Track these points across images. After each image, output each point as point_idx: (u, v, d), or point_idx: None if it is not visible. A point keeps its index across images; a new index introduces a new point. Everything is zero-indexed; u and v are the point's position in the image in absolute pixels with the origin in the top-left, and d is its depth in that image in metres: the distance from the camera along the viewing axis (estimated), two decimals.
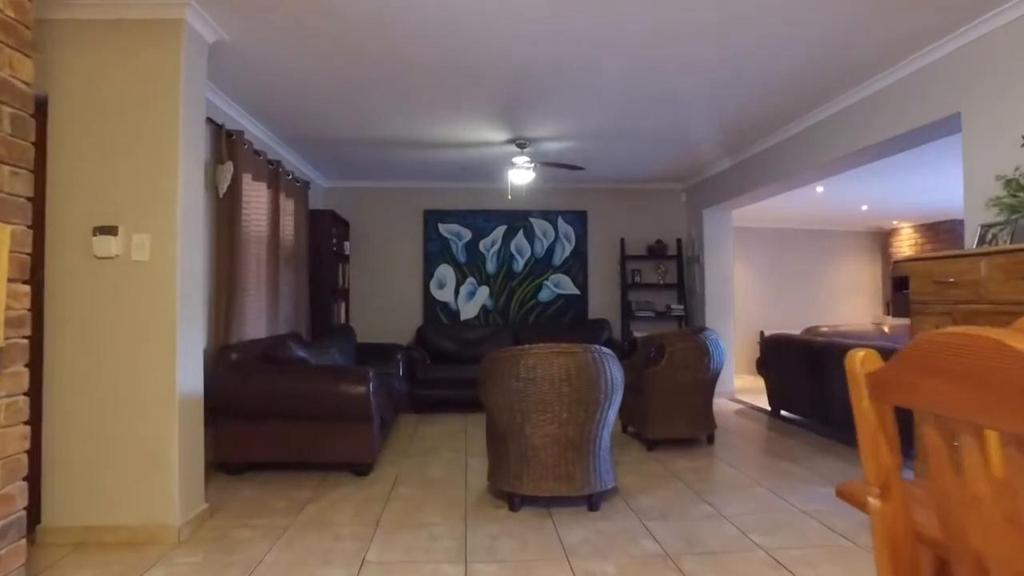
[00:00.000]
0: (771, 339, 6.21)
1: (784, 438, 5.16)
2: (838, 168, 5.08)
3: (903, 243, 9.89)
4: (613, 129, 5.33)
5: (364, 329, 7.61)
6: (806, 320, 10.01)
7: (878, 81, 4.14)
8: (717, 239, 7.26)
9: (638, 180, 7.62)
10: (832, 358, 5.18)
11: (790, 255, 10.17)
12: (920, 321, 3.05)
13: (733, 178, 6.47)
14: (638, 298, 7.71)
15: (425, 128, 5.32)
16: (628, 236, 7.78)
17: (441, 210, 7.72)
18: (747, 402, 6.94)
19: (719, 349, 4.79)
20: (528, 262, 7.77)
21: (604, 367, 3.33)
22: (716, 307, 7.21)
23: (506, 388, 3.29)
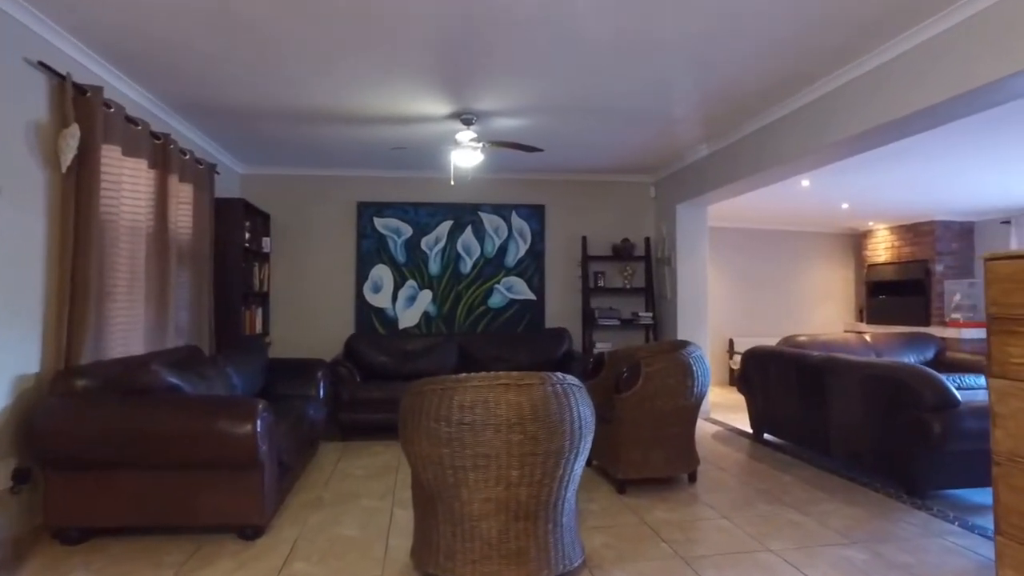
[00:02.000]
0: (755, 353, 5.40)
1: (777, 473, 4.34)
2: (841, 153, 4.29)
3: (878, 245, 9.30)
4: (578, 101, 4.43)
5: (287, 340, 6.55)
6: (778, 327, 9.34)
7: (915, 35, 3.34)
8: (690, 238, 6.45)
9: (603, 171, 6.76)
10: (834, 377, 4.39)
11: (760, 258, 9.48)
12: (1005, 341, 2.22)
13: (712, 168, 5.66)
14: (601, 304, 6.84)
15: (351, 97, 4.33)
16: (591, 234, 6.92)
17: (377, 202, 6.72)
18: (725, 423, 6.13)
19: (704, 369, 3.93)
20: (477, 262, 6.82)
21: (570, 405, 2.42)
22: (689, 315, 6.39)
23: (433, 435, 2.34)
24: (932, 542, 3.13)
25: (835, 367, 4.38)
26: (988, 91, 3.02)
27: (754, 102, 4.45)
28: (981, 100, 3.13)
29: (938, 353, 7.19)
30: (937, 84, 3.20)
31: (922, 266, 8.47)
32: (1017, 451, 2.18)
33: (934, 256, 8.35)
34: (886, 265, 9.11)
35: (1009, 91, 3.01)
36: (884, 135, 3.80)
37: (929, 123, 3.54)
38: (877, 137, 3.85)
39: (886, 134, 3.77)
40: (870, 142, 3.97)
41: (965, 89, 3.04)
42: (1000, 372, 2.24)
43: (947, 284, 8.23)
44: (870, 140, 3.93)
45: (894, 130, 3.70)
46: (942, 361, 7.08)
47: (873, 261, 9.36)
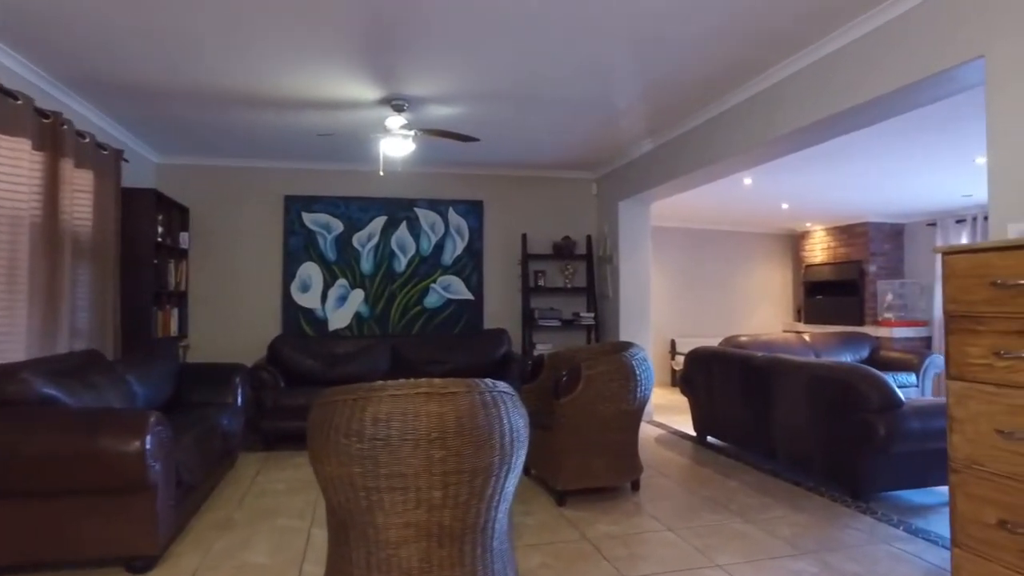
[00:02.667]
0: (698, 353, 5.27)
1: (722, 478, 4.18)
2: (786, 147, 4.18)
3: (815, 246, 9.40)
4: (516, 87, 4.18)
5: (208, 344, 6.08)
6: (719, 328, 9.33)
7: (863, 23, 3.21)
8: (633, 236, 6.29)
9: (544, 166, 6.55)
10: (778, 378, 4.27)
11: (702, 258, 9.45)
12: (964, 341, 2.07)
13: (655, 163, 5.51)
14: (542, 304, 6.62)
15: (270, 78, 3.97)
16: (531, 232, 6.69)
17: (306, 196, 6.32)
18: (668, 426, 5.99)
19: (647, 372, 3.74)
20: (412, 261, 6.51)
21: (500, 416, 2.15)
22: (631, 315, 6.23)
23: (344, 453, 2.04)
24: (879, 549, 3.00)
25: (780, 368, 4.26)
26: (939, 81, 2.91)
27: (700, 93, 4.30)
28: (932, 91, 3.03)
29: (873, 352, 7.28)
30: (888, 73, 3.09)
31: (856, 266, 8.58)
32: (976, 458, 2.04)
33: (868, 257, 8.47)
34: (822, 266, 9.21)
35: (960, 81, 2.91)
36: (831, 128, 3.69)
37: (877, 115, 3.44)
38: (824, 130, 3.74)
39: (833, 127, 3.66)
40: (816, 135, 3.86)
41: (916, 79, 2.93)
42: (958, 373, 2.09)
43: (880, 284, 8.36)
44: (817, 134, 3.81)
45: (841, 123, 3.59)
46: (876, 359, 7.15)
47: (810, 262, 9.47)
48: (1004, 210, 2.54)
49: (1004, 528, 1.95)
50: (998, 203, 2.56)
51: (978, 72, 2.79)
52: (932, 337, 8.06)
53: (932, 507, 3.70)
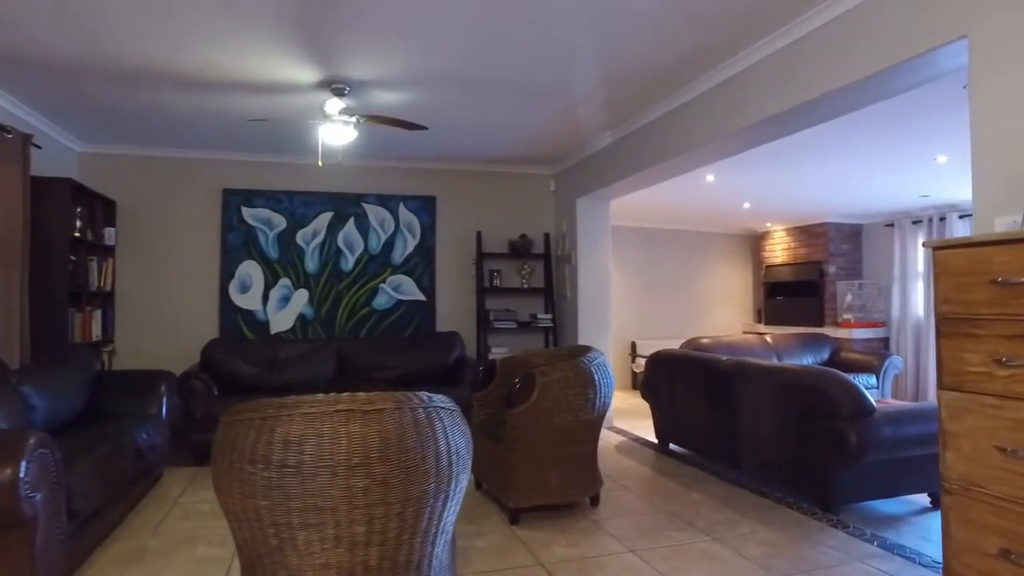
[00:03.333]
0: (660, 357, 5.04)
1: (686, 490, 3.94)
2: (750, 139, 3.97)
3: (775, 247, 9.32)
4: (468, 70, 3.88)
5: (138, 349, 5.62)
6: (680, 330, 9.17)
7: (837, 3, 3.00)
8: (592, 235, 6.05)
9: (500, 160, 6.25)
10: (744, 383, 4.05)
11: (661, 258, 9.29)
12: (960, 346, 1.84)
13: (616, 157, 5.26)
14: (497, 305, 6.32)
15: (192, 53, 3.57)
16: (486, 229, 6.39)
17: (246, 190, 5.90)
18: (628, 432, 5.75)
19: (607, 378, 3.47)
20: (360, 259, 6.14)
21: (436, 436, 1.84)
22: (590, 317, 5.98)
23: (248, 483, 1.71)
24: (856, 569, 2.78)
25: (746, 373, 4.05)
26: (918, 65, 2.71)
27: (662, 80, 4.06)
28: (909, 76, 2.83)
29: (833, 353, 7.18)
30: (863, 57, 2.87)
31: (816, 267, 8.51)
32: (974, 478, 1.81)
33: (827, 257, 8.41)
34: (783, 266, 9.13)
35: (940, 65, 2.71)
36: (801, 118, 3.48)
37: (850, 103, 3.23)
38: (793, 121, 3.53)
39: (803, 117, 3.45)
40: (784, 127, 3.65)
41: (893, 62, 2.72)
42: (953, 383, 1.86)
43: (839, 285, 8.30)
44: (785, 124, 3.60)
45: (812, 112, 3.38)
46: (837, 361, 7.05)
47: (770, 262, 9.38)
48: (990, 203, 2.33)
49: (1007, 559, 1.72)
50: (983, 195, 2.36)
51: (960, 55, 2.60)
52: (890, 338, 8.03)
53: (903, 518, 3.53)
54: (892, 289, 7.99)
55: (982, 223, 2.36)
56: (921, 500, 3.83)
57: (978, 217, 2.38)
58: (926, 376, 7.48)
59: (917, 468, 3.61)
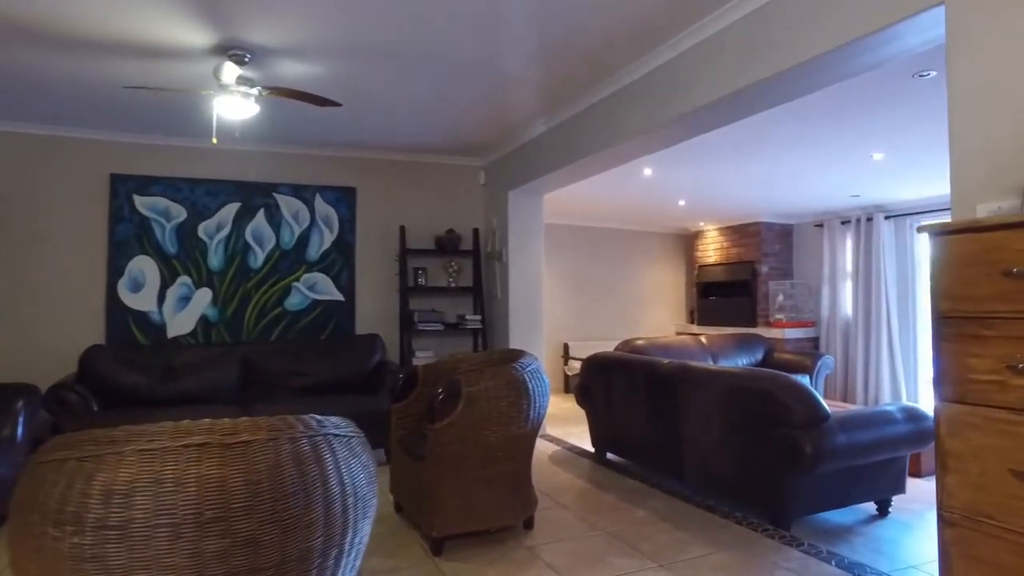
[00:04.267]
0: (596, 360, 4.72)
1: (628, 506, 3.61)
2: (688, 128, 3.69)
3: (708, 246, 9.23)
4: (388, 40, 3.42)
5: (3, 358, 4.86)
6: (613, 331, 8.94)
7: None
8: (524, 230, 5.68)
9: (426, 149, 5.80)
10: (688, 388, 3.76)
11: (594, 257, 9.04)
12: (964, 350, 1.54)
13: (549, 147, 4.91)
14: (423, 305, 5.87)
15: (56, 5, 2.98)
16: (411, 224, 5.92)
17: (139, 176, 5.23)
18: (562, 440, 5.41)
19: (542, 386, 3.09)
20: (272, 255, 5.56)
21: (327, 473, 1.41)
22: (522, 318, 5.61)
23: (49, 552, 1.23)
24: None
25: (689, 377, 3.76)
26: (885, 38, 2.45)
27: (599, 61, 3.72)
28: (874, 51, 2.57)
29: (767, 354, 7.07)
30: (823, 31, 2.60)
31: (749, 267, 8.44)
32: (982, 507, 1.52)
33: (760, 257, 8.35)
34: (715, 266, 9.04)
35: (906, 39, 2.46)
36: (746, 102, 3.20)
37: (805, 84, 2.97)
38: (739, 105, 3.25)
39: (751, 99, 3.17)
40: (730, 111, 3.37)
41: (857, 35, 2.45)
42: (957, 394, 1.57)
43: (771, 285, 8.25)
44: (730, 109, 3.32)
45: (760, 95, 3.10)
46: (771, 362, 6.94)
47: (704, 262, 9.28)
48: (970, 188, 2.08)
49: None
50: (963, 180, 2.10)
51: (931, 27, 2.35)
52: (820, 338, 8.02)
53: (852, 528, 3.31)
54: (822, 289, 7.99)
55: (961, 212, 2.10)
56: (868, 508, 3.64)
57: (957, 205, 2.13)
58: (854, 376, 7.48)
59: (867, 476, 3.41)
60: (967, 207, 2.08)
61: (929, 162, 5.25)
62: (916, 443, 3.40)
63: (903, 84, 3.61)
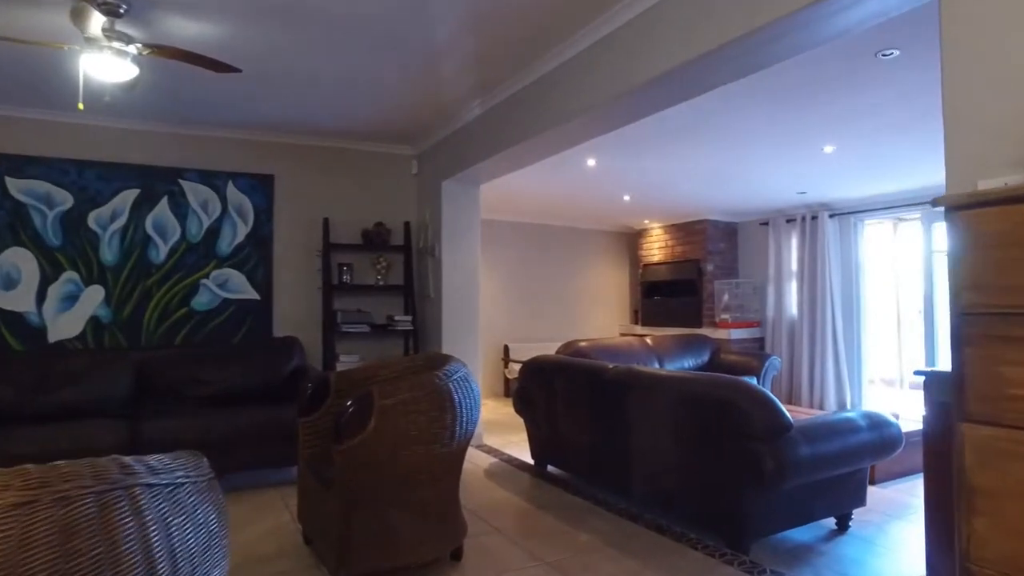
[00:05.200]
0: (537, 364, 4.32)
1: (571, 529, 3.22)
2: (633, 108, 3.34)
3: (653, 245, 8.98)
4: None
5: None
6: (555, 332, 8.59)
7: None
8: (459, 224, 5.24)
9: (352, 135, 5.30)
10: (637, 396, 3.39)
11: (536, 255, 8.67)
12: (997, 356, 1.20)
13: (485, 132, 4.49)
14: (348, 305, 5.36)
15: None
16: (336, 216, 5.40)
17: (14, 156, 4.55)
18: (499, 451, 4.99)
19: (471, 397, 2.66)
20: (177, 249, 4.96)
21: (122, 549, 0.94)
22: (457, 318, 5.17)
23: None
24: None
25: (638, 383, 3.39)
26: (829, 9, 2.13)
27: (534, 32, 3.32)
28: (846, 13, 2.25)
29: (713, 355, 6.84)
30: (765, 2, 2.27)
31: (694, 266, 8.22)
32: (1020, 558, 1.17)
33: (705, 256, 8.13)
34: (660, 265, 8.80)
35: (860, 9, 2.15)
36: (683, 82, 2.88)
37: (763, 55, 2.64)
38: (675, 85, 2.93)
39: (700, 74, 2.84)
40: (682, 87, 3.02)
41: (800, 5, 2.13)
42: (989, 413, 1.22)
43: (716, 284, 8.05)
44: (683, 84, 2.98)
45: (696, 75, 2.79)
46: (717, 363, 6.71)
47: (648, 261, 9.03)
48: (972, 162, 1.76)
49: None
50: (962, 154, 1.79)
51: None
52: (765, 338, 7.86)
53: (813, 547, 3.02)
54: (767, 288, 7.82)
55: (958, 190, 1.78)
56: (827, 523, 3.35)
57: (954, 182, 1.81)
58: (799, 377, 7.33)
59: (829, 490, 3.12)
60: (966, 184, 1.76)
61: (881, 156, 5.06)
62: (881, 452, 3.13)
63: (863, 65, 3.35)
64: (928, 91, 3.58)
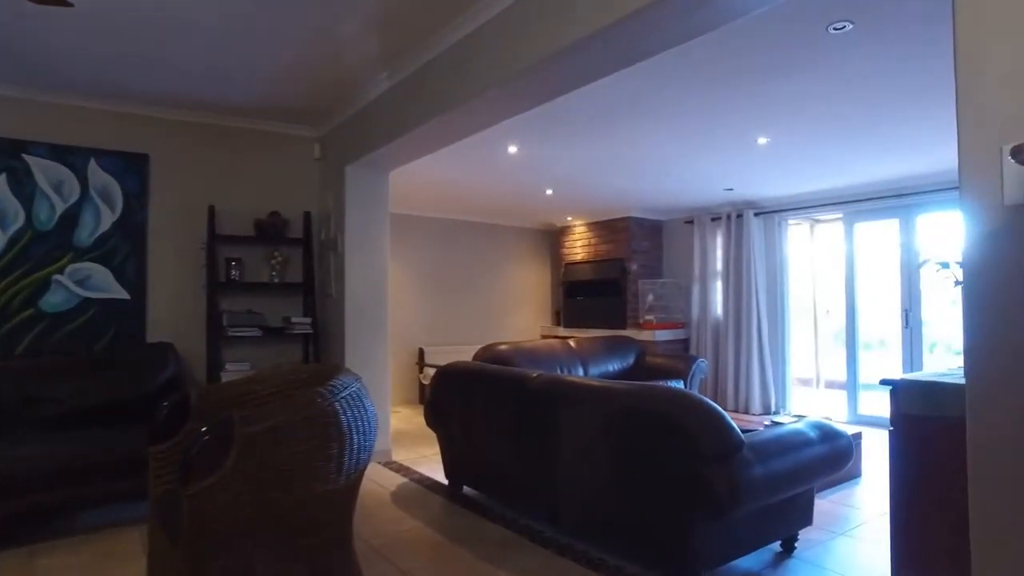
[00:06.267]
0: (451, 372, 3.82)
1: (488, 566, 2.74)
2: (549, 80, 2.91)
3: (575, 243, 8.64)
4: None
5: None
6: (474, 335, 8.10)
7: None
8: (366, 214, 4.68)
9: (244, 111, 4.63)
10: (566, 409, 2.95)
11: (454, 253, 8.17)
12: None
13: (393, 109, 3.95)
14: (237, 306, 4.68)
15: None
16: (224, 204, 4.71)
17: None
18: (410, 468, 4.46)
19: (365, 420, 2.13)
20: (20, 237, 4.16)
21: None
22: (362, 320, 4.60)
23: None
24: None
25: (566, 394, 2.95)
26: None
27: None
28: None
29: (639, 357, 6.54)
30: None
31: (618, 265, 7.93)
32: None
33: (629, 255, 7.85)
34: (583, 264, 8.47)
35: None
36: (608, 48, 2.48)
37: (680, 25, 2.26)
38: (603, 50, 2.51)
39: (611, 46, 2.45)
40: (593, 60, 2.62)
41: None
42: None
43: (641, 284, 7.78)
44: (593, 56, 2.58)
45: (622, 40, 2.39)
46: (642, 366, 6.41)
47: (570, 260, 8.68)
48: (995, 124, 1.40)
49: None
50: (982, 113, 1.42)
51: None
52: (690, 339, 7.65)
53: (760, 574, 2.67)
54: (692, 288, 7.62)
55: (977, 159, 1.42)
56: (772, 546, 3.02)
57: (969, 147, 1.44)
58: (725, 380, 7.15)
59: (779, 511, 2.77)
60: (989, 149, 1.40)
61: (815, 151, 4.86)
62: (834, 466, 2.82)
63: (812, 40, 3.04)
64: (881, 72, 3.32)
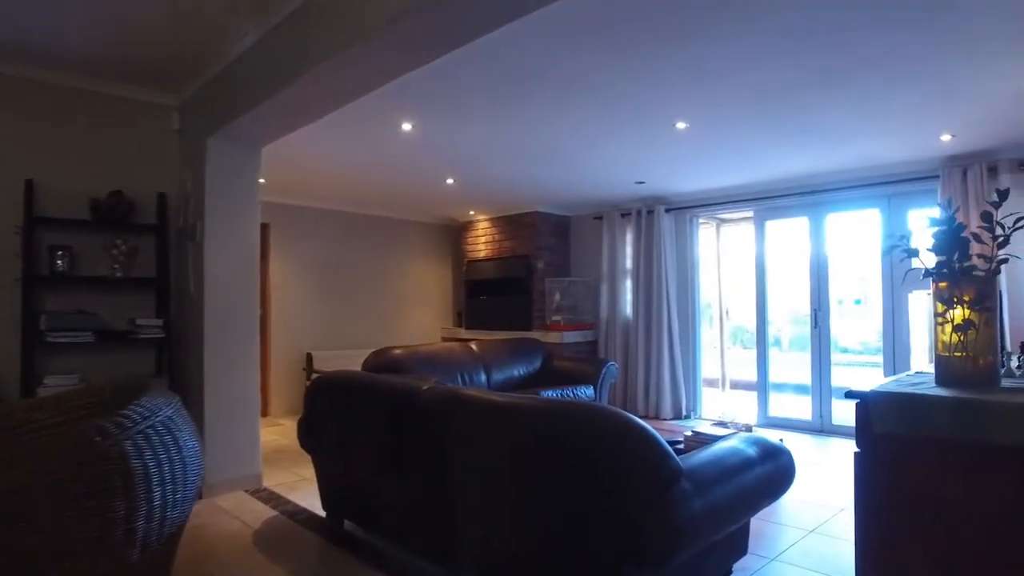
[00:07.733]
0: (326, 384, 3.19)
1: None
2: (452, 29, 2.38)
3: (479, 239, 8.12)
4: None
5: None
6: (369, 338, 7.42)
7: None
8: (231, 196, 3.95)
9: (78, 65, 3.79)
10: (463, 428, 2.40)
11: (346, 249, 7.46)
12: None
13: (260, 67, 3.28)
14: (65, 305, 3.83)
15: None
16: (47, 179, 3.83)
17: None
18: (284, 497, 3.78)
19: (177, 459, 1.50)
20: None
21: None
22: (224, 322, 3.88)
23: None
24: None
25: (465, 409, 2.41)
26: None
27: None
28: None
29: (546, 361, 6.12)
30: None
31: (523, 262, 7.48)
32: None
33: (535, 252, 7.43)
34: (486, 261, 7.97)
35: None
36: None
37: None
38: None
39: None
40: None
41: None
42: None
43: (548, 283, 7.37)
44: None
45: None
46: (550, 370, 5.99)
47: (473, 257, 8.16)
48: None
49: None
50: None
51: None
52: (599, 341, 7.31)
53: None
54: (601, 288, 7.27)
55: None
56: None
57: None
58: (635, 383, 6.84)
59: (718, 545, 2.36)
60: None
61: (733, 136, 4.55)
62: (776, 489, 2.42)
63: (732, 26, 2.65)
64: (839, 28, 2.90)
